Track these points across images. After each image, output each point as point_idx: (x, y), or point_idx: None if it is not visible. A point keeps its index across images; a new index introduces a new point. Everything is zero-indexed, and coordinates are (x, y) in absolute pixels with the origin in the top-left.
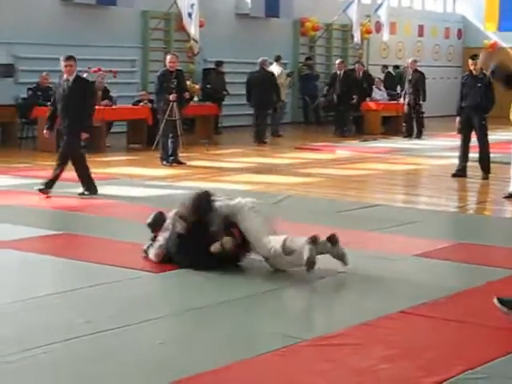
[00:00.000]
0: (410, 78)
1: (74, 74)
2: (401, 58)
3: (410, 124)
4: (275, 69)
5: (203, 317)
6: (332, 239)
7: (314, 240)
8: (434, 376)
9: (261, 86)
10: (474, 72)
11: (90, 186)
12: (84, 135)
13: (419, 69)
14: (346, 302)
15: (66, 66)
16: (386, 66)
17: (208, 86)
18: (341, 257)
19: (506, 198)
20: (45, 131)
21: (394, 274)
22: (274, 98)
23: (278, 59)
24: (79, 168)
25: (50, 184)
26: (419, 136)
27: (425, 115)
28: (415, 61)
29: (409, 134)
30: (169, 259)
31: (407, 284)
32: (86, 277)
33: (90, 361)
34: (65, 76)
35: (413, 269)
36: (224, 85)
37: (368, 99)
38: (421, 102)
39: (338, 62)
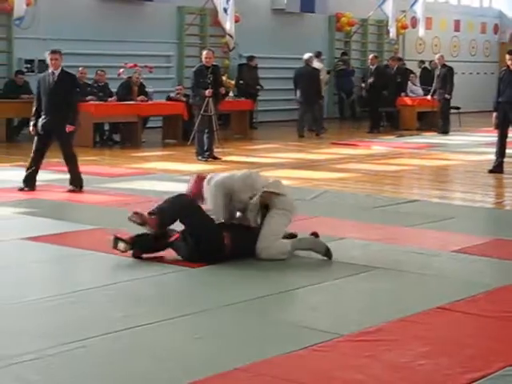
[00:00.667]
0: (438, 73)
1: (60, 67)
2: (436, 53)
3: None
4: (316, 65)
5: (239, 312)
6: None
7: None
8: (472, 372)
9: (306, 82)
10: (511, 67)
11: (79, 181)
12: (69, 127)
13: (450, 64)
14: (382, 297)
15: (51, 60)
16: (422, 62)
17: (241, 81)
18: (326, 253)
19: None
20: (31, 128)
21: (431, 269)
22: (317, 93)
23: (318, 55)
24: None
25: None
26: (444, 132)
27: (461, 110)
28: (442, 56)
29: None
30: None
31: (445, 280)
32: (124, 271)
33: (128, 355)
34: (50, 70)
35: (450, 265)
36: (257, 80)
37: (403, 94)
38: (446, 96)
39: (370, 56)
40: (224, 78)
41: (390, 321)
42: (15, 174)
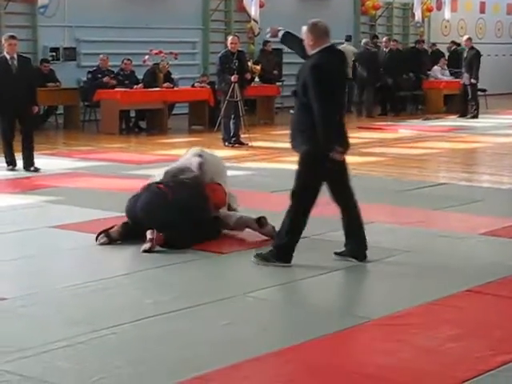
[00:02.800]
0: (465, 55)
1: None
2: (462, 35)
3: (465, 103)
4: (350, 48)
5: (268, 298)
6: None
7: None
8: (502, 355)
9: (365, 65)
10: None
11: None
12: (35, 108)
13: (476, 46)
14: (411, 281)
15: (10, 45)
16: (455, 43)
17: (257, 66)
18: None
19: None
20: None
21: (460, 252)
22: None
23: (348, 39)
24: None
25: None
26: (474, 116)
27: (487, 93)
28: (470, 38)
29: (462, 114)
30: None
31: (474, 262)
32: (152, 258)
33: (158, 341)
34: (8, 56)
35: (479, 247)
36: (274, 65)
37: (424, 77)
38: (472, 80)
39: (384, 39)
40: (249, 63)
41: (418, 304)
42: (42, 163)
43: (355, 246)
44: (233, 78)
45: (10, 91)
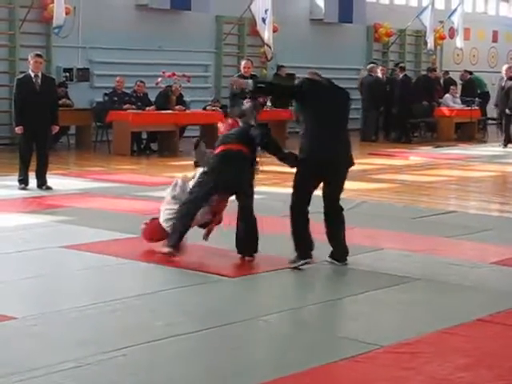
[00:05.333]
0: (503, 84)
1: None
2: (474, 64)
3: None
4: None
5: (280, 322)
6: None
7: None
8: None
9: (368, 91)
10: None
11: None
12: (56, 128)
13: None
14: (422, 308)
15: (35, 63)
16: (468, 72)
17: None
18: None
19: None
20: (17, 128)
21: (470, 281)
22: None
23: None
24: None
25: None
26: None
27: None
28: (511, 67)
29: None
30: None
31: (484, 292)
32: (163, 280)
33: (168, 364)
34: (32, 73)
35: (490, 276)
36: None
37: (436, 104)
38: (507, 110)
39: (398, 67)
40: None
41: (429, 332)
42: (54, 182)
43: (337, 249)
44: (245, 102)
45: (32, 108)
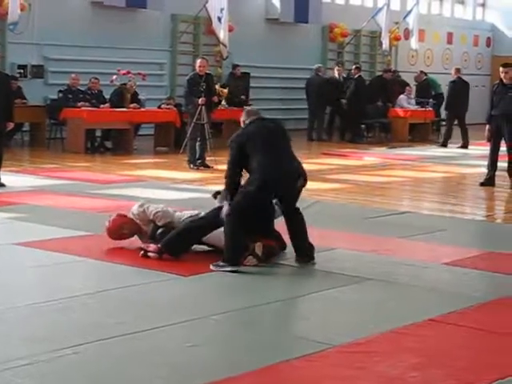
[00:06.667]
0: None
1: None
2: (429, 65)
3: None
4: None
5: (232, 321)
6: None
7: None
8: None
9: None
10: (504, 80)
11: None
12: (11, 125)
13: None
14: (374, 308)
15: None
16: (424, 73)
17: (224, 90)
18: None
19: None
20: None
21: (422, 281)
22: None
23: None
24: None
25: None
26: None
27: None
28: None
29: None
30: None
31: (436, 292)
32: (116, 278)
33: (120, 362)
34: None
35: (442, 277)
36: (242, 89)
37: (390, 105)
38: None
39: (353, 67)
40: (217, 86)
41: (381, 332)
42: (7, 179)
43: (301, 248)
44: (200, 101)
45: None
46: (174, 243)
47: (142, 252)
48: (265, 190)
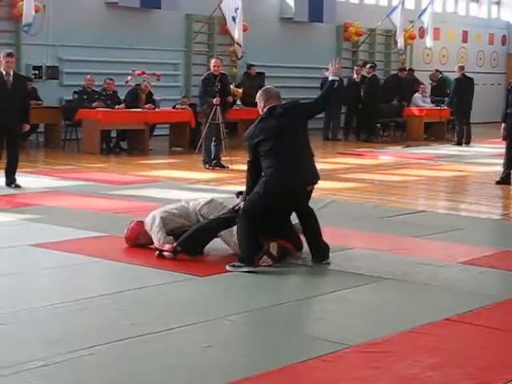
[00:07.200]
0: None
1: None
2: (444, 63)
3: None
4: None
5: (247, 321)
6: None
7: None
8: None
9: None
10: None
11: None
12: (27, 127)
13: (455, 75)
14: (391, 308)
15: (7, 62)
16: (439, 71)
17: (239, 89)
18: None
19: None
20: None
21: (439, 281)
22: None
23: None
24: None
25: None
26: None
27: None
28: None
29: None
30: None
31: (453, 291)
32: (132, 279)
33: (136, 363)
34: (4, 72)
35: (458, 276)
36: (257, 88)
37: (405, 104)
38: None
39: (367, 66)
40: (232, 86)
41: (397, 332)
42: (22, 181)
43: (316, 248)
44: (215, 101)
45: (3, 107)
46: (190, 243)
47: (157, 252)
48: (275, 199)
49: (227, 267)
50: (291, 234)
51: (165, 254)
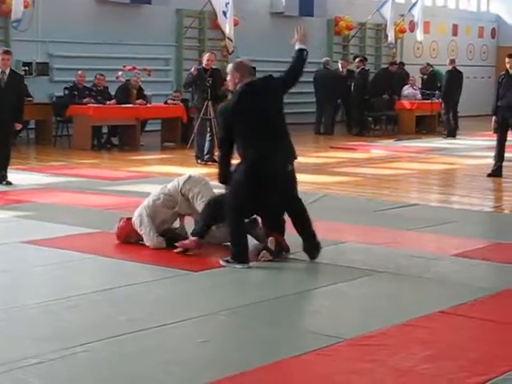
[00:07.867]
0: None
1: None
2: (434, 57)
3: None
4: None
5: (242, 316)
6: None
7: None
8: (476, 376)
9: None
10: (510, 71)
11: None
12: (19, 126)
13: (446, 68)
14: (384, 301)
15: (3, 60)
16: (430, 65)
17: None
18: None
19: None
20: None
21: (432, 273)
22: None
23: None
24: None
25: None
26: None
27: (459, 114)
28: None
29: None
30: None
31: (446, 284)
32: (125, 275)
33: (130, 359)
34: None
35: (451, 269)
36: None
37: (396, 98)
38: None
39: (356, 60)
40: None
41: (392, 325)
42: (14, 177)
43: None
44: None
45: None
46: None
47: (181, 249)
48: (257, 183)
49: (221, 262)
50: (284, 229)
51: (190, 252)
